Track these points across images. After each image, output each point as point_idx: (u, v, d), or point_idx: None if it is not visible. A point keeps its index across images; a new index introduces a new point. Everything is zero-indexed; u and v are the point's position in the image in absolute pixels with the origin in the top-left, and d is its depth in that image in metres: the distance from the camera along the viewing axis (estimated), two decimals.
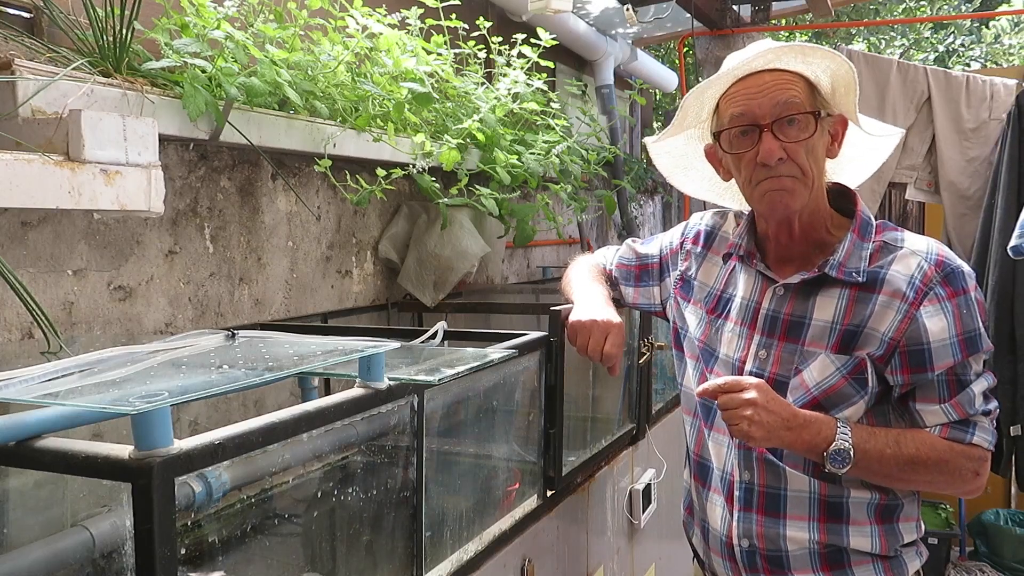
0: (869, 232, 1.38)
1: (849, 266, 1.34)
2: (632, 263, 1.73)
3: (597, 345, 1.50)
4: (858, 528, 1.37)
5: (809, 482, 1.37)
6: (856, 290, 1.34)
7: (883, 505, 1.38)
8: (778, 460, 1.39)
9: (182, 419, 1.74)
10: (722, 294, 1.51)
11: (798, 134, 1.31)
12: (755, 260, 1.45)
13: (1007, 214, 3.27)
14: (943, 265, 1.32)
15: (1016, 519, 3.90)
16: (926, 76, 3.63)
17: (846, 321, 1.33)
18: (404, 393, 1.18)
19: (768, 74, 1.33)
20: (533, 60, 2.64)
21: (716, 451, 1.48)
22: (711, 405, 1.47)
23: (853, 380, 1.33)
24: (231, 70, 1.64)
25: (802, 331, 1.37)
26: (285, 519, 1.38)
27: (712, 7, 4.27)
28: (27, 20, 1.61)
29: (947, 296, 1.30)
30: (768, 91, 1.32)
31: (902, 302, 1.30)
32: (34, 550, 0.99)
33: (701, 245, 1.59)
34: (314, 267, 2.14)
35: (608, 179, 3.83)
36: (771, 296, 1.42)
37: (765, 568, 1.42)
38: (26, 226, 1.44)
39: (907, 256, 1.33)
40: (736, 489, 1.43)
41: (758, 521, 1.41)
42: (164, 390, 0.83)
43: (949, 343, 1.29)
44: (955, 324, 1.29)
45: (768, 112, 1.31)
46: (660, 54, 7.32)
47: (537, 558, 1.62)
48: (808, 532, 1.38)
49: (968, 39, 10.34)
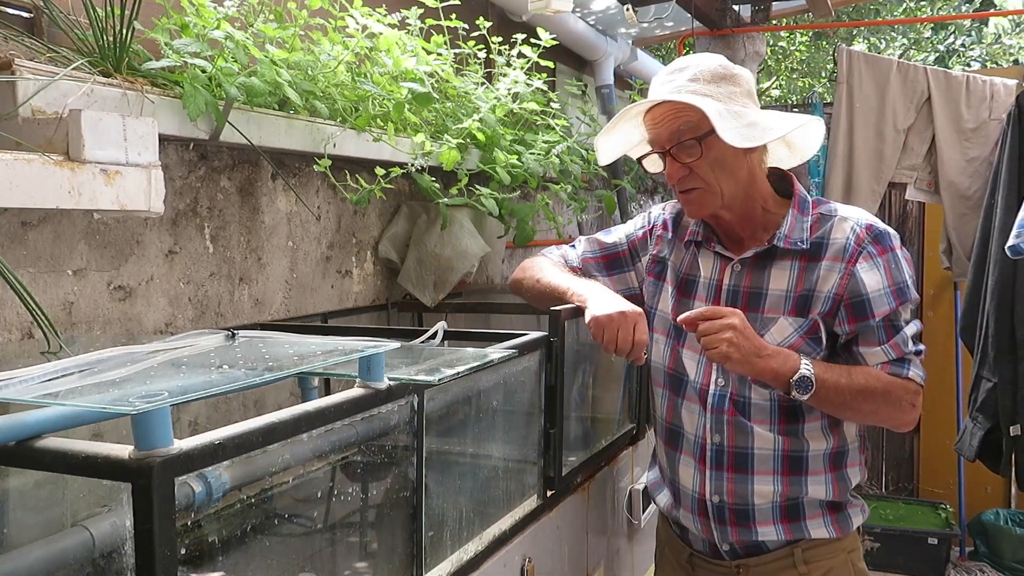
0: (807, 207, 1.58)
1: (794, 236, 1.55)
2: (599, 254, 1.84)
3: (627, 336, 1.53)
4: (815, 478, 1.58)
5: (774, 440, 1.56)
6: (805, 260, 1.54)
7: (835, 452, 1.59)
8: (747, 420, 1.57)
9: (182, 419, 1.74)
10: (688, 276, 1.68)
11: (691, 156, 1.51)
12: (712, 243, 1.64)
13: (1007, 214, 3.27)
14: (872, 228, 1.53)
15: (1016, 519, 3.90)
16: (926, 76, 3.63)
17: (799, 288, 1.54)
18: (404, 393, 1.18)
19: (668, 104, 1.52)
20: (533, 60, 2.64)
21: (688, 418, 1.65)
22: (682, 377, 1.65)
23: (809, 339, 1.53)
24: (231, 70, 1.64)
25: (760, 300, 1.56)
26: (285, 519, 1.38)
27: (712, 7, 4.27)
28: (27, 20, 1.61)
29: (878, 253, 1.51)
30: (663, 121, 1.53)
31: (841, 263, 1.51)
32: (34, 550, 0.99)
33: (671, 231, 1.75)
34: (314, 267, 2.14)
35: (608, 179, 3.83)
36: (730, 272, 1.60)
37: (732, 520, 1.60)
38: (26, 226, 1.44)
39: (841, 222, 1.55)
40: (708, 451, 1.61)
41: (728, 479, 1.59)
42: (164, 390, 0.83)
43: (883, 292, 1.50)
44: (887, 276, 1.50)
45: (666, 139, 1.53)
46: (660, 54, 7.31)
47: (537, 558, 1.62)
48: (772, 485, 1.57)
49: (968, 39, 10.34)
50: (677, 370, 1.67)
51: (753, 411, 1.57)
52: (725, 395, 1.59)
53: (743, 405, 1.58)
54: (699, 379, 1.62)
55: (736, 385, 1.58)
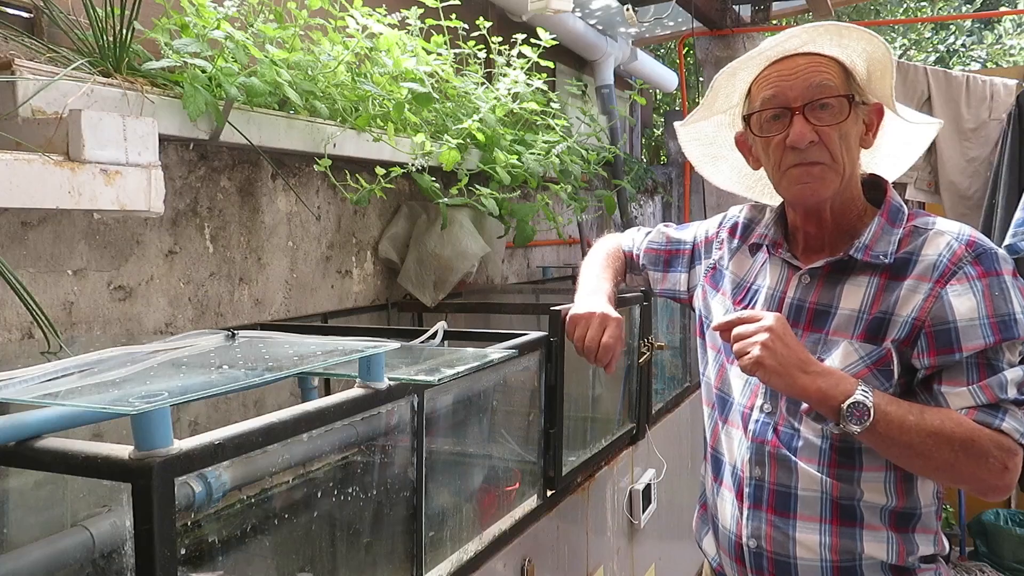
0: (900, 218, 1.32)
1: (876, 249, 1.29)
2: (662, 247, 1.69)
3: (595, 335, 1.48)
4: (872, 532, 1.29)
5: (821, 481, 1.30)
6: (885, 277, 1.28)
7: (898, 512, 1.30)
8: (791, 455, 1.32)
9: (182, 419, 1.74)
10: (751, 286, 1.46)
11: (831, 118, 1.27)
12: (781, 249, 1.41)
13: (1007, 214, 3.28)
14: (975, 245, 1.25)
15: (1016, 519, 3.89)
16: (926, 76, 3.63)
17: (874, 310, 1.27)
18: (404, 393, 1.18)
19: (802, 57, 1.30)
20: (533, 60, 2.64)
21: (728, 445, 1.43)
22: (727, 397, 1.44)
23: (878, 370, 1.26)
24: (231, 70, 1.64)
25: (827, 320, 1.31)
26: (285, 519, 1.38)
27: (712, 7, 4.27)
28: (27, 20, 1.61)
29: (977, 276, 1.22)
30: (801, 74, 1.28)
31: (928, 282, 1.24)
32: (34, 550, 0.99)
33: (737, 237, 1.54)
34: (314, 267, 2.14)
35: (608, 179, 3.83)
36: (796, 284, 1.37)
37: (772, 574, 1.35)
38: (26, 226, 1.44)
39: (937, 236, 1.28)
40: (746, 485, 1.37)
41: (767, 520, 1.34)
42: (164, 390, 0.83)
43: (979, 323, 1.20)
44: (985, 304, 1.21)
45: (800, 95, 1.28)
46: (660, 54, 7.31)
47: (537, 558, 1.62)
48: (819, 535, 1.30)
49: (969, 40, 10.34)
50: (723, 389, 1.46)
51: (801, 446, 1.32)
52: (770, 424, 1.35)
53: (789, 438, 1.33)
54: (744, 401, 1.40)
55: (784, 413, 1.34)
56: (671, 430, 2.48)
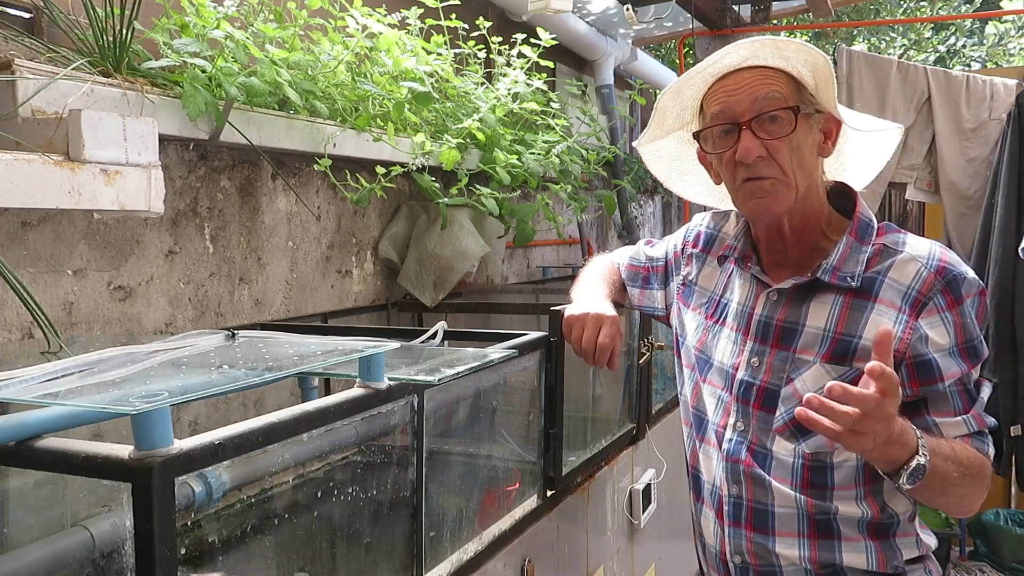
0: (868, 234, 1.31)
1: (844, 270, 1.28)
2: (640, 265, 1.69)
3: (591, 336, 1.48)
4: (851, 544, 1.30)
5: (796, 498, 1.30)
6: (851, 296, 1.27)
7: (875, 523, 1.30)
8: (765, 474, 1.32)
9: (182, 419, 1.74)
10: (720, 299, 1.46)
11: (780, 130, 1.25)
12: (750, 263, 1.39)
13: (1007, 214, 3.28)
14: (944, 272, 1.24)
15: (1016, 519, 3.89)
16: (926, 76, 3.63)
17: (839, 329, 1.27)
18: (404, 393, 1.18)
19: (748, 72, 1.28)
20: (533, 60, 2.64)
21: (706, 463, 1.43)
22: (703, 416, 1.44)
23: None
24: (231, 70, 1.64)
25: (795, 338, 1.30)
26: (285, 519, 1.38)
27: (712, 7, 4.27)
28: (27, 20, 1.61)
29: (947, 306, 1.24)
30: (746, 88, 1.26)
31: (900, 312, 1.24)
32: (34, 550, 0.99)
33: (701, 247, 1.54)
34: (314, 267, 2.14)
35: (608, 179, 3.83)
36: (765, 301, 1.36)
37: None
38: (26, 226, 1.44)
39: (905, 263, 1.26)
40: (725, 504, 1.38)
41: (747, 537, 1.35)
42: (164, 390, 0.83)
43: (951, 352, 1.23)
44: (956, 334, 1.23)
45: (747, 109, 1.26)
46: (660, 54, 7.31)
47: (537, 558, 1.62)
48: (799, 549, 1.31)
49: (969, 40, 10.34)
50: (698, 408, 1.46)
51: (774, 465, 1.32)
52: (743, 443, 1.35)
53: (763, 457, 1.33)
54: (717, 420, 1.40)
55: (757, 433, 1.34)
56: (671, 430, 2.48)
